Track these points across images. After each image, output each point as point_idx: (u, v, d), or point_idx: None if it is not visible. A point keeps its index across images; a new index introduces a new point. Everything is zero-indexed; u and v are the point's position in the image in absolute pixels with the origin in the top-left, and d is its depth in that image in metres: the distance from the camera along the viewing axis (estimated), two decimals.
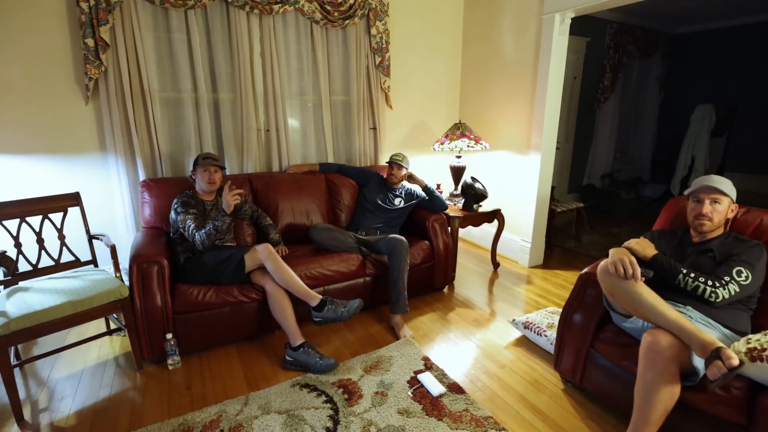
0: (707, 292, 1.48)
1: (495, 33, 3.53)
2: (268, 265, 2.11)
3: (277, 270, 2.11)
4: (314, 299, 2.12)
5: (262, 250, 2.13)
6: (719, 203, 1.63)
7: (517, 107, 3.40)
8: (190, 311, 2.08)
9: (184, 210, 2.18)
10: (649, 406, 1.37)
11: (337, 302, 2.13)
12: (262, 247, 2.14)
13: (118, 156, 2.56)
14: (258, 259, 2.13)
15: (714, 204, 1.63)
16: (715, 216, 1.63)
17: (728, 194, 1.62)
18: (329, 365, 2.02)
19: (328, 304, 2.11)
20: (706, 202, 1.63)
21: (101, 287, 1.89)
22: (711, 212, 1.63)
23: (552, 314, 2.42)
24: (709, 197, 1.64)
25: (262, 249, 2.13)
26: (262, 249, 2.13)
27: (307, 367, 2.02)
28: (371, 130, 3.51)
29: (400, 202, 2.91)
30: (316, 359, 2.02)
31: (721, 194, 1.62)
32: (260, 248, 2.13)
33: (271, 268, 2.11)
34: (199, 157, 2.29)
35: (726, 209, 1.64)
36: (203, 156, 2.29)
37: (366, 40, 3.29)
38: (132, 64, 2.51)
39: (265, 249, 2.13)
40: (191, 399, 1.85)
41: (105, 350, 2.24)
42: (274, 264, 2.11)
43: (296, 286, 2.12)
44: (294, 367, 2.05)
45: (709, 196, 1.64)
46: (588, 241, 4.13)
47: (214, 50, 2.79)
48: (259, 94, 2.95)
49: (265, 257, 2.11)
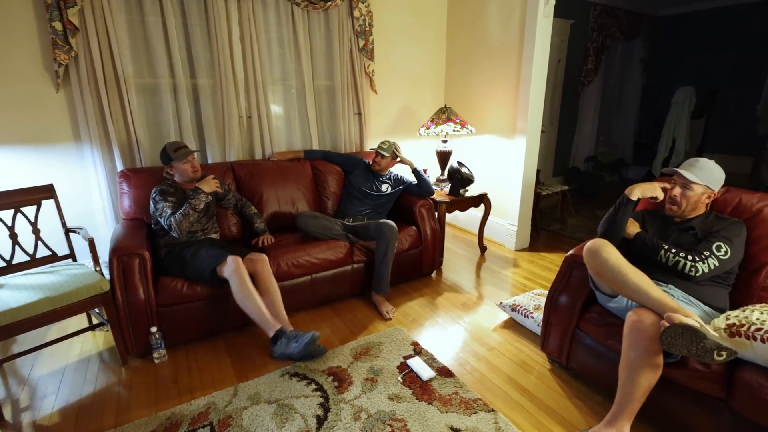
0: (687, 266, 1.51)
1: (480, 15, 3.48)
2: (231, 282, 1.98)
3: (239, 290, 1.97)
4: (271, 329, 1.99)
5: (227, 267, 1.99)
6: (690, 189, 1.64)
7: (503, 90, 3.38)
8: (174, 303, 2.04)
9: (162, 198, 2.11)
10: (633, 383, 1.40)
11: (290, 335, 1.98)
12: (229, 263, 1.99)
13: (93, 145, 2.47)
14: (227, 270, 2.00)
15: (685, 189, 1.65)
16: (684, 201, 1.66)
17: (701, 182, 1.62)
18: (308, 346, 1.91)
19: (281, 337, 1.97)
20: (677, 187, 1.67)
21: (80, 282, 1.83)
22: (680, 196, 1.66)
23: (538, 296, 2.45)
24: (680, 182, 1.67)
25: (228, 264, 1.99)
26: (228, 264, 1.99)
27: (291, 357, 1.98)
28: (356, 115, 3.45)
29: (387, 188, 2.88)
30: (293, 345, 1.94)
31: (692, 183, 1.63)
32: (228, 262, 1.99)
33: (234, 287, 1.98)
34: (169, 150, 2.15)
35: (698, 196, 1.65)
36: (174, 147, 2.16)
37: (349, 22, 3.21)
38: (104, 48, 2.40)
39: (231, 266, 1.98)
40: (179, 392, 1.83)
41: (88, 346, 2.19)
42: (237, 283, 1.97)
43: (254, 310, 1.98)
44: (281, 358, 2.02)
45: (680, 181, 1.67)
46: (573, 224, 4.19)
47: (191, 34, 2.69)
48: (239, 80, 2.86)
49: (229, 274, 1.98)
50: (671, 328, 1.23)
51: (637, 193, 1.68)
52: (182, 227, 2.06)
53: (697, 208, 1.68)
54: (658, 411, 1.53)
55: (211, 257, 2.04)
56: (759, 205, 1.66)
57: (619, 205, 1.71)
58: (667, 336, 1.24)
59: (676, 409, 1.47)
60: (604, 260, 1.53)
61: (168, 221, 2.07)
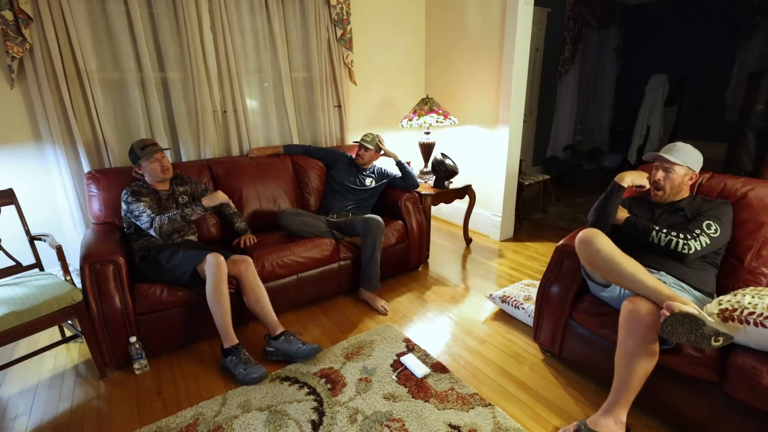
0: (680, 245, 1.52)
1: (460, 2, 3.42)
2: (207, 279, 1.88)
3: (213, 289, 1.86)
4: (228, 342, 1.89)
5: (208, 263, 1.88)
6: (673, 172, 1.68)
7: (485, 80, 3.35)
8: (154, 311, 1.93)
9: (135, 199, 1.97)
10: (630, 371, 1.41)
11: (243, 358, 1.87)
12: (210, 260, 1.88)
13: (56, 145, 2.30)
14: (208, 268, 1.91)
15: (667, 172, 1.69)
16: (668, 184, 1.69)
17: (682, 164, 1.66)
18: (312, 349, 1.94)
19: (233, 355, 1.87)
20: (660, 170, 1.70)
21: (49, 293, 1.70)
22: (663, 179, 1.69)
23: (528, 287, 2.45)
24: (662, 165, 1.70)
25: (209, 261, 1.88)
26: (209, 261, 1.88)
27: (289, 354, 1.93)
28: (336, 107, 3.36)
29: (371, 182, 2.82)
30: (299, 345, 1.94)
31: (673, 164, 1.67)
32: (209, 259, 1.89)
33: (209, 285, 1.87)
34: (136, 149, 2.01)
35: (681, 177, 1.68)
36: (141, 146, 2.02)
37: (326, 11, 3.10)
38: (63, 40, 2.22)
39: (212, 261, 1.88)
40: (163, 404, 1.74)
41: (62, 360, 2.05)
42: (213, 281, 1.86)
43: (220, 314, 1.87)
44: (276, 356, 1.96)
45: (663, 164, 1.70)
46: (554, 212, 4.23)
47: (158, 24, 2.53)
48: (212, 72, 2.72)
49: (208, 269, 1.88)
50: (672, 317, 1.23)
51: (628, 180, 1.70)
52: (164, 230, 1.95)
53: (681, 190, 1.71)
54: (652, 397, 1.54)
55: (190, 257, 1.95)
56: (743, 190, 1.68)
57: (610, 192, 1.71)
58: (668, 325, 1.24)
59: (671, 395, 1.49)
60: (597, 250, 1.52)
61: (149, 220, 1.94)
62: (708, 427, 1.41)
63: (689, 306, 1.26)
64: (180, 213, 1.97)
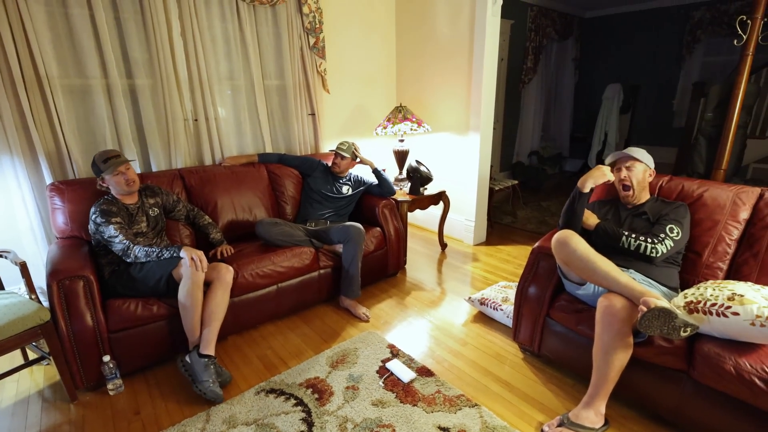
0: (648, 248, 1.63)
1: (429, 14, 3.52)
2: (183, 279, 1.83)
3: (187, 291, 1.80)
4: (193, 343, 1.85)
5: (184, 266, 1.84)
6: (633, 168, 1.80)
7: (455, 88, 3.45)
8: (128, 327, 1.84)
9: (105, 220, 1.86)
10: (608, 364, 1.49)
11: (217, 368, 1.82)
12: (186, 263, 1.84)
13: (14, 156, 2.16)
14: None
15: (629, 170, 1.81)
16: (633, 179, 1.80)
17: (641, 160, 1.80)
18: (217, 395, 1.73)
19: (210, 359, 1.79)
20: (623, 169, 1.82)
21: (14, 313, 1.59)
22: (628, 177, 1.81)
23: (505, 288, 2.53)
24: (624, 165, 1.82)
25: (185, 264, 1.84)
26: (185, 264, 1.84)
27: (195, 380, 1.76)
28: (310, 116, 3.35)
29: (348, 190, 2.83)
30: (211, 380, 1.74)
31: (633, 160, 1.80)
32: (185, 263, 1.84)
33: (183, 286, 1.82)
34: (99, 161, 1.91)
35: (642, 173, 1.81)
36: (103, 158, 1.91)
37: (298, 19, 3.10)
38: (21, 45, 2.10)
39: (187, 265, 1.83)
40: (142, 425, 1.66)
41: (25, 384, 1.91)
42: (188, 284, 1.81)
43: (190, 318, 1.82)
44: (183, 370, 1.83)
45: (624, 164, 1.82)
46: (523, 216, 4.39)
47: (124, 28, 2.44)
48: (183, 79, 2.65)
49: (185, 270, 1.83)
50: (650, 312, 1.31)
51: (590, 184, 1.76)
52: (137, 259, 1.87)
53: (645, 188, 1.84)
54: (627, 388, 1.63)
55: (163, 264, 1.87)
56: (699, 191, 1.83)
57: (573, 198, 1.79)
58: (646, 319, 1.32)
59: (644, 385, 1.58)
60: (573, 250, 1.61)
61: (123, 247, 1.84)
62: (679, 412, 1.51)
63: (662, 300, 1.35)
64: (157, 252, 1.86)
